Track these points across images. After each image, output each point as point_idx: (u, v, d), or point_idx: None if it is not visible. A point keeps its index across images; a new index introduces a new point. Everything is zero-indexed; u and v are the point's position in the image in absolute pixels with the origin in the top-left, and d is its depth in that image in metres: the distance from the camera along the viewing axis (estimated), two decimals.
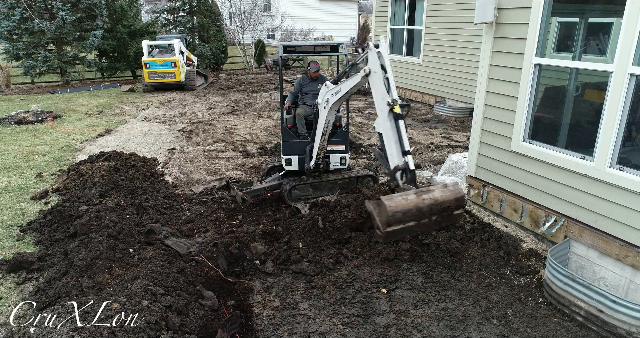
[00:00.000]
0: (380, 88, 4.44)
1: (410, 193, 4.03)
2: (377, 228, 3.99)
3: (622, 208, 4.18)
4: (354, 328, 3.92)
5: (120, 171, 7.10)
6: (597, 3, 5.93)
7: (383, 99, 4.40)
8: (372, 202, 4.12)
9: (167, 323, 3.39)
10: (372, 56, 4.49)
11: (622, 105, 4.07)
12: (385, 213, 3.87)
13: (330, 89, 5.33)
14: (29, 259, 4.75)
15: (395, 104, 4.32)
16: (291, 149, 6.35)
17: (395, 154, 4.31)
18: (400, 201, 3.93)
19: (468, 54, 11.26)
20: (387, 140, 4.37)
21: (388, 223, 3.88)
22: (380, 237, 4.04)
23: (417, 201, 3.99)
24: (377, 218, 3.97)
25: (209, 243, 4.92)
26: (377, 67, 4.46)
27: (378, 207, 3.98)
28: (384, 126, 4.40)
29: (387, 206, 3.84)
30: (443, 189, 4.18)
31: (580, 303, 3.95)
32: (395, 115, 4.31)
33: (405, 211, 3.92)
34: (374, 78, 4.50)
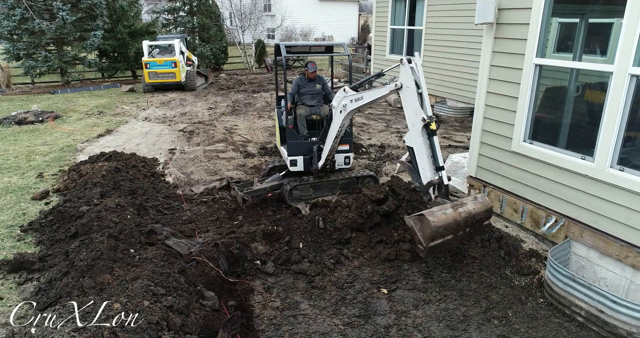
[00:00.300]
0: (413, 103, 4.44)
1: (447, 207, 4.17)
2: (420, 243, 4.07)
3: (622, 208, 4.18)
4: (355, 329, 3.92)
5: (121, 171, 7.10)
6: (598, 3, 5.94)
7: (416, 114, 4.40)
8: (413, 217, 4.16)
9: (168, 323, 3.39)
10: (405, 70, 4.46)
11: (622, 105, 4.07)
12: (428, 227, 3.99)
13: (350, 95, 5.27)
14: (30, 259, 4.75)
15: (432, 121, 4.35)
16: (296, 150, 6.34)
17: (427, 168, 4.39)
18: (441, 215, 4.06)
19: (468, 55, 11.26)
20: (420, 155, 4.46)
21: (432, 237, 4.00)
22: (423, 252, 4.11)
23: (454, 215, 4.14)
24: (419, 233, 4.05)
25: (209, 244, 4.93)
26: (410, 83, 4.43)
27: (420, 222, 4.07)
28: (416, 141, 4.46)
29: (430, 222, 3.96)
30: (474, 201, 4.38)
31: (581, 304, 3.96)
32: (430, 131, 4.37)
33: (446, 225, 4.06)
34: (406, 93, 4.49)
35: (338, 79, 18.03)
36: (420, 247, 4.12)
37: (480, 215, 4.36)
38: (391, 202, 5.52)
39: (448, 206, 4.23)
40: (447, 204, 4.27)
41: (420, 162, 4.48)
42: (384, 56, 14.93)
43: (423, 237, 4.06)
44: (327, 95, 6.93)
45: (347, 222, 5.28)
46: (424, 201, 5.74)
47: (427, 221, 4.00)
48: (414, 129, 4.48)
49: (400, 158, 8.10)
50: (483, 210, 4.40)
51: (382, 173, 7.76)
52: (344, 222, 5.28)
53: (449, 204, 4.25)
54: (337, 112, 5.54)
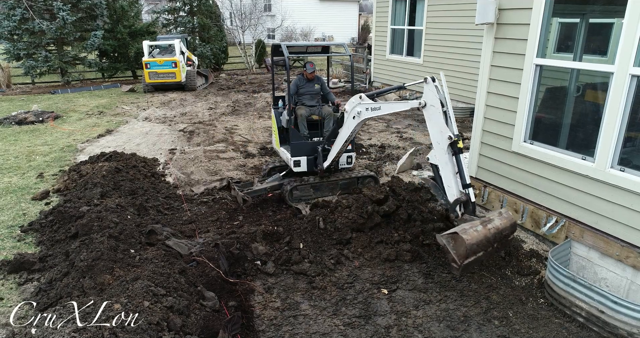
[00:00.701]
0: (438, 121, 4.44)
1: (477, 224, 4.22)
2: (453, 262, 4.09)
3: (623, 208, 4.18)
4: (355, 329, 3.92)
5: (121, 171, 7.10)
6: (598, 4, 5.94)
7: (442, 132, 4.41)
8: (446, 236, 4.16)
9: (169, 323, 3.39)
10: (430, 89, 4.45)
11: (623, 106, 4.07)
12: (463, 245, 4.02)
13: (366, 103, 5.23)
14: (30, 260, 4.75)
15: (459, 139, 4.37)
16: (300, 151, 6.33)
17: (453, 186, 4.43)
18: (473, 233, 4.10)
19: (468, 55, 11.26)
20: (445, 173, 4.48)
21: (466, 255, 4.04)
22: (457, 270, 4.12)
23: (485, 232, 4.20)
24: (452, 251, 4.07)
25: (210, 244, 4.92)
26: (435, 101, 4.43)
27: (454, 241, 4.09)
28: (441, 158, 4.48)
29: (464, 240, 3.99)
30: (500, 216, 4.46)
31: (581, 304, 3.95)
32: (457, 149, 4.38)
33: (479, 243, 4.11)
34: (430, 111, 4.49)
35: (338, 79, 18.02)
36: (454, 265, 4.12)
37: (506, 230, 4.46)
38: (391, 202, 5.52)
39: (477, 223, 4.27)
40: (476, 221, 4.31)
41: (446, 179, 4.50)
42: (384, 56, 14.93)
43: (457, 255, 4.07)
44: (325, 95, 6.93)
45: (347, 222, 5.28)
46: (424, 200, 5.76)
47: (461, 239, 4.03)
48: (438, 147, 4.49)
49: (400, 159, 8.10)
50: (509, 225, 4.49)
51: (382, 173, 7.76)
52: (344, 222, 5.28)
53: (478, 221, 4.29)
54: (349, 117, 5.49)
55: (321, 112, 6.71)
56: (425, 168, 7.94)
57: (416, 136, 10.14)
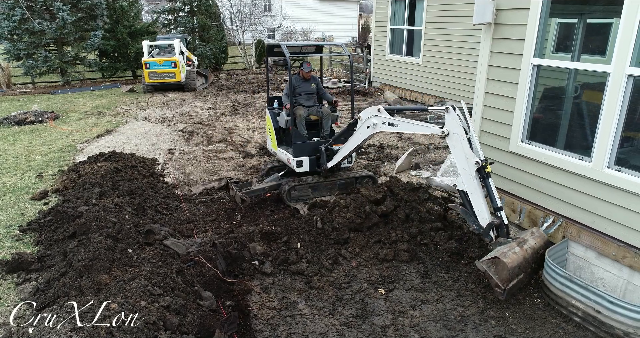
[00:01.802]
0: (462, 148, 4.43)
1: (514, 246, 4.24)
2: (497, 287, 4.09)
3: (620, 208, 4.19)
4: (352, 329, 3.93)
5: (120, 171, 7.11)
6: (596, 4, 5.94)
7: (467, 159, 4.39)
8: (487, 261, 4.14)
9: (165, 323, 3.40)
10: (452, 118, 4.44)
11: (619, 106, 4.07)
12: (505, 270, 4.03)
13: (383, 117, 5.16)
14: (28, 259, 4.76)
15: (487, 164, 4.35)
16: (302, 151, 6.33)
17: (484, 210, 4.39)
18: (513, 255, 4.13)
19: (467, 55, 11.26)
20: (475, 198, 4.43)
21: (509, 279, 4.07)
22: (502, 295, 4.11)
23: (523, 253, 4.25)
24: (494, 276, 4.07)
25: (207, 244, 4.93)
26: (459, 129, 4.41)
27: (495, 265, 4.09)
28: (469, 185, 4.45)
29: (506, 263, 4.01)
30: (533, 236, 4.52)
31: (578, 304, 3.96)
32: (485, 174, 4.37)
33: (519, 265, 4.16)
34: (454, 139, 4.48)
35: (338, 79, 18.02)
36: (498, 290, 4.12)
37: (541, 249, 4.49)
38: (389, 202, 5.53)
39: (514, 245, 4.28)
40: (512, 243, 4.31)
41: (476, 205, 4.45)
42: (384, 56, 14.94)
43: (500, 280, 4.07)
44: (321, 95, 6.93)
45: (345, 222, 5.29)
46: (422, 200, 5.76)
47: (502, 263, 4.03)
48: (466, 174, 4.45)
49: (398, 159, 8.10)
50: (543, 244, 4.55)
51: (380, 173, 7.77)
52: (342, 222, 5.29)
53: (514, 243, 4.30)
54: (363, 126, 5.45)
55: (320, 112, 6.71)
56: (423, 168, 7.95)
57: (415, 137, 10.14)
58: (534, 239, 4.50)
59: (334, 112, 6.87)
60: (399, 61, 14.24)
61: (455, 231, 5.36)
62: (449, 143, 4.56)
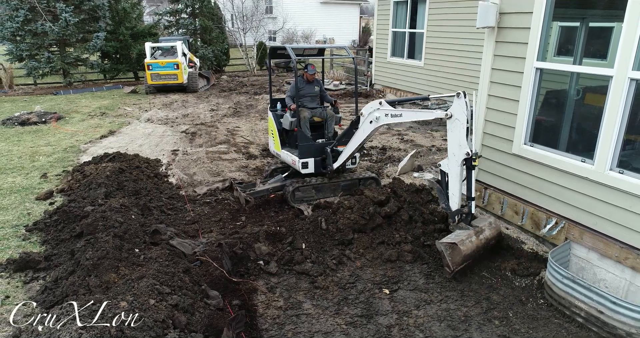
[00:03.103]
0: (459, 134, 4.57)
1: (472, 234, 4.69)
2: (447, 267, 4.61)
3: (622, 210, 4.23)
4: (357, 328, 3.97)
5: (125, 172, 7.16)
6: (598, 8, 6.00)
7: (460, 146, 4.57)
8: (445, 244, 4.59)
9: (174, 321, 3.44)
10: (460, 103, 4.53)
11: (622, 109, 4.13)
12: (460, 256, 4.51)
13: (385, 109, 5.23)
14: (36, 258, 4.80)
15: (476, 157, 4.54)
16: (308, 153, 6.37)
17: (457, 195, 4.74)
18: (469, 244, 4.61)
19: (469, 58, 11.33)
20: (453, 182, 4.75)
21: (460, 264, 4.58)
22: (450, 274, 4.64)
23: (477, 242, 4.72)
24: (448, 258, 4.56)
25: (213, 244, 4.98)
26: (462, 116, 4.52)
27: (451, 249, 4.56)
28: (452, 169, 4.71)
29: (462, 251, 4.48)
30: (490, 227, 4.96)
31: (581, 305, 4.00)
32: (470, 165, 4.58)
33: (472, 253, 4.65)
34: (455, 124, 4.60)
35: (340, 82, 18.09)
36: (447, 270, 4.63)
37: (493, 240, 4.98)
38: (393, 204, 5.57)
39: (472, 233, 4.70)
40: (471, 231, 4.73)
41: (452, 188, 4.77)
42: (385, 59, 15.00)
43: (452, 262, 4.55)
44: (322, 97, 6.99)
45: (349, 223, 5.33)
46: (425, 201, 5.81)
47: (458, 250, 4.49)
48: (453, 159, 4.67)
49: (401, 161, 8.15)
50: (496, 234, 5.02)
51: (383, 174, 7.81)
52: (346, 223, 5.33)
53: (473, 232, 4.73)
54: (365, 122, 5.50)
55: (323, 113, 6.76)
56: (426, 169, 8.00)
57: (417, 139, 10.19)
58: (490, 230, 4.93)
59: (337, 114, 6.92)
60: (401, 64, 14.31)
61: None
62: (448, 126, 4.68)
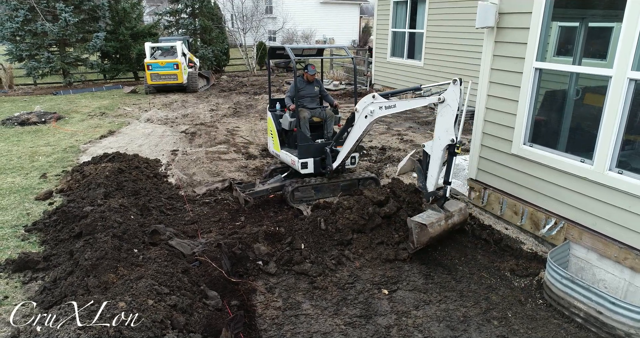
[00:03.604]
0: (448, 120, 4.70)
1: (442, 218, 4.96)
2: (412, 243, 4.91)
3: (621, 210, 4.23)
4: (356, 329, 3.97)
5: (124, 172, 7.16)
6: (597, 8, 5.99)
7: (447, 131, 4.70)
8: (416, 223, 4.84)
9: (172, 322, 3.44)
10: (455, 90, 4.60)
11: (621, 109, 4.12)
12: (427, 237, 4.79)
13: (379, 102, 5.30)
14: (35, 259, 4.80)
15: (459, 146, 4.68)
16: (307, 153, 6.37)
17: (435, 177, 4.95)
18: (437, 227, 4.89)
19: (469, 58, 11.33)
20: (433, 164, 4.96)
21: (425, 243, 4.87)
22: (412, 249, 4.94)
23: (445, 226, 5.00)
24: (415, 236, 4.84)
25: (212, 244, 4.98)
26: (454, 102, 4.62)
27: (420, 229, 4.82)
28: (436, 152, 4.91)
29: (430, 233, 4.76)
30: (459, 213, 5.22)
31: (580, 305, 4.00)
32: (453, 151, 4.71)
33: (437, 236, 4.92)
34: (445, 109, 4.71)
35: (339, 82, 18.09)
36: (411, 246, 4.95)
37: (458, 225, 5.29)
38: (392, 204, 5.57)
39: (442, 217, 4.97)
40: (442, 215, 4.99)
41: (431, 170, 4.98)
42: (385, 59, 15.00)
43: (418, 241, 4.86)
44: (323, 97, 6.99)
45: (348, 223, 5.33)
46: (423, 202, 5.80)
47: (427, 231, 4.77)
48: (438, 143, 4.82)
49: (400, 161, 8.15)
50: (463, 220, 5.34)
51: (383, 175, 7.81)
52: (345, 223, 5.33)
53: (443, 215, 4.99)
54: (361, 117, 5.54)
55: (323, 114, 6.76)
56: None
57: (417, 139, 10.19)
58: (459, 216, 5.21)
59: (336, 114, 6.92)
60: (401, 64, 14.31)
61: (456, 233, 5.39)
62: (438, 110, 4.78)
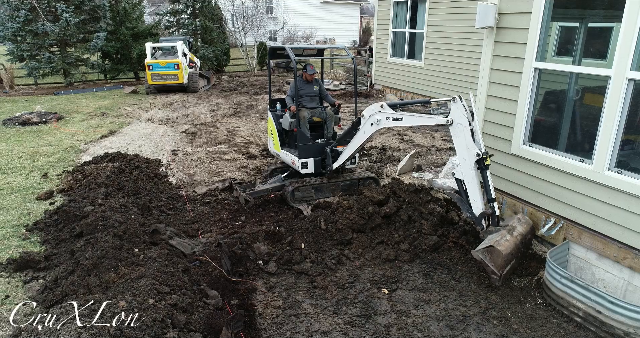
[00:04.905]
0: (465, 138, 4.57)
1: (505, 233, 4.49)
2: (493, 274, 4.36)
3: (620, 210, 4.24)
4: (356, 328, 3.98)
5: (125, 172, 7.18)
6: (597, 8, 6.00)
7: (468, 149, 4.55)
8: (482, 251, 4.36)
9: (173, 321, 3.45)
10: (458, 108, 4.56)
11: (620, 109, 4.13)
12: (500, 257, 4.28)
13: (387, 112, 5.24)
14: (36, 258, 4.82)
15: (487, 157, 4.51)
16: (308, 153, 6.38)
17: (479, 200, 4.64)
18: (505, 243, 4.39)
19: (469, 58, 11.34)
20: (471, 187, 4.67)
21: (504, 265, 4.33)
22: (498, 281, 4.39)
23: (514, 240, 4.52)
24: (490, 264, 4.32)
25: (212, 244, 4.99)
26: (463, 119, 4.55)
27: (490, 254, 4.33)
28: (467, 174, 4.65)
29: (501, 251, 4.26)
30: (520, 222, 4.78)
31: (579, 304, 4.01)
32: (484, 166, 4.54)
33: (512, 251, 4.42)
34: (457, 129, 4.62)
35: (340, 82, 18.10)
36: (494, 277, 4.37)
37: (528, 234, 4.82)
38: (392, 204, 5.58)
39: (505, 232, 4.51)
40: (503, 230, 4.54)
41: (472, 194, 4.69)
42: (386, 59, 15.01)
43: (496, 267, 4.31)
44: (323, 97, 7.00)
45: (348, 223, 5.34)
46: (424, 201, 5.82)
47: (497, 251, 4.27)
48: (465, 164, 4.64)
49: (400, 161, 8.16)
50: (529, 229, 4.85)
51: (383, 174, 7.83)
52: (345, 223, 5.34)
53: (505, 231, 4.54)
54: (366, 124, 5.52)
55: (323, 114, 6.77)
56: (425, 170, 8.01)
57: (417, 139, 10.21)
58: (521, 225, 4.76)
59: (337, 114, 6.93)
60: (401, 64, 14.32)
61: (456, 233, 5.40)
62: (452, 132, 4.69)
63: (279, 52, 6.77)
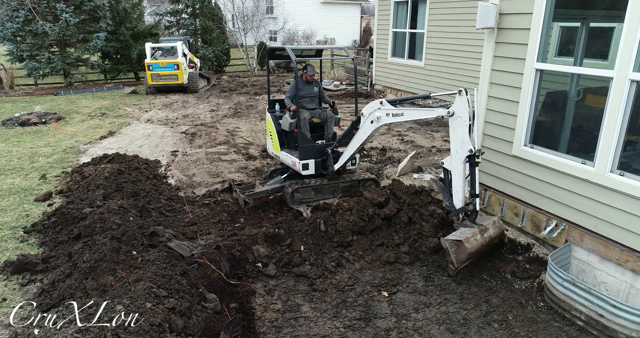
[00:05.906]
0: (461, 132, 4.58)
1: (477, 232, 4.66)
2: (452, 264, 4.59)
3: (622, 213, 4.20)
4: (356, 331, 3.94)
5: (124, 173, 7.14)
6: (599, 8, 5.96)
7: (463, 143, 4.56)
8: (451, 241, 4.55)
9: (170, 325, 3.42)
10: (462, 101, 4.53)
11: (622, 111, 4.10)
12: (465, 253, 4.50)
13: (387, 109, 5.22)
14: (33, 260, 4.78)
15: (479, 154, 4.54)
16: (308, 154, 6.35)
17: (461, 192, 4.72)
18: (474, 242, 4.59)
19: (470, 58, 11.30)
20: (456, 179, 4.74)
21: (464, 261, 4.56)
22: (454, 271, 4.65)
23: (482, 241, 4.69)
24: (453, 255, 4.53)
25: (211, 246, 4.95)
26: (464, 113, 4.53)
27: (456, 247, 4.54)
28: (456, 167, 4.71)
29: (467, 248, 4.46)
30: (494, 225, 4.92)
31: (581, 308, 3.97)
32: (474, 162, 4.57)
33: (476, 251, 4.62)
34: (457, 122, 4.61)
35: (340, 82, 18.07)
36: (452, 267, 4.61)
37: (497, 239, 4.96)
38: (392, 205, 5.55)
39: (477, 231, 4.67)
40: (476, 229, 4.70)
41: (455, 186, 4.76)
42: (386, 59, 14.97)
43: (457, 260, 4.53)
44: (321, 98, 6.97)
45: (348, 225, 5.30)
46: (424, 203, 5.79)
47: (464, 247, 4.47)
48: (456, 156, 4.67)
49: (401, 162, 8.12)
50: (499, 233, 5.00)
51: (383, 176, 7.79)
52: (345, 225, 5.31)
53: (477, 230, 4.69)
54: (366, 122, 5.48)
55: (323, 115, 6.73)
56: (426, 171, 7.97)
57: (417, 139, 10.17)
58: (494, 229, 4.89)
59: (336, 114, 6.90)
60: (401, 64, 14.28)
61: None
62: (450, 124, 4.67)
63: (278, 52, 6.74)
